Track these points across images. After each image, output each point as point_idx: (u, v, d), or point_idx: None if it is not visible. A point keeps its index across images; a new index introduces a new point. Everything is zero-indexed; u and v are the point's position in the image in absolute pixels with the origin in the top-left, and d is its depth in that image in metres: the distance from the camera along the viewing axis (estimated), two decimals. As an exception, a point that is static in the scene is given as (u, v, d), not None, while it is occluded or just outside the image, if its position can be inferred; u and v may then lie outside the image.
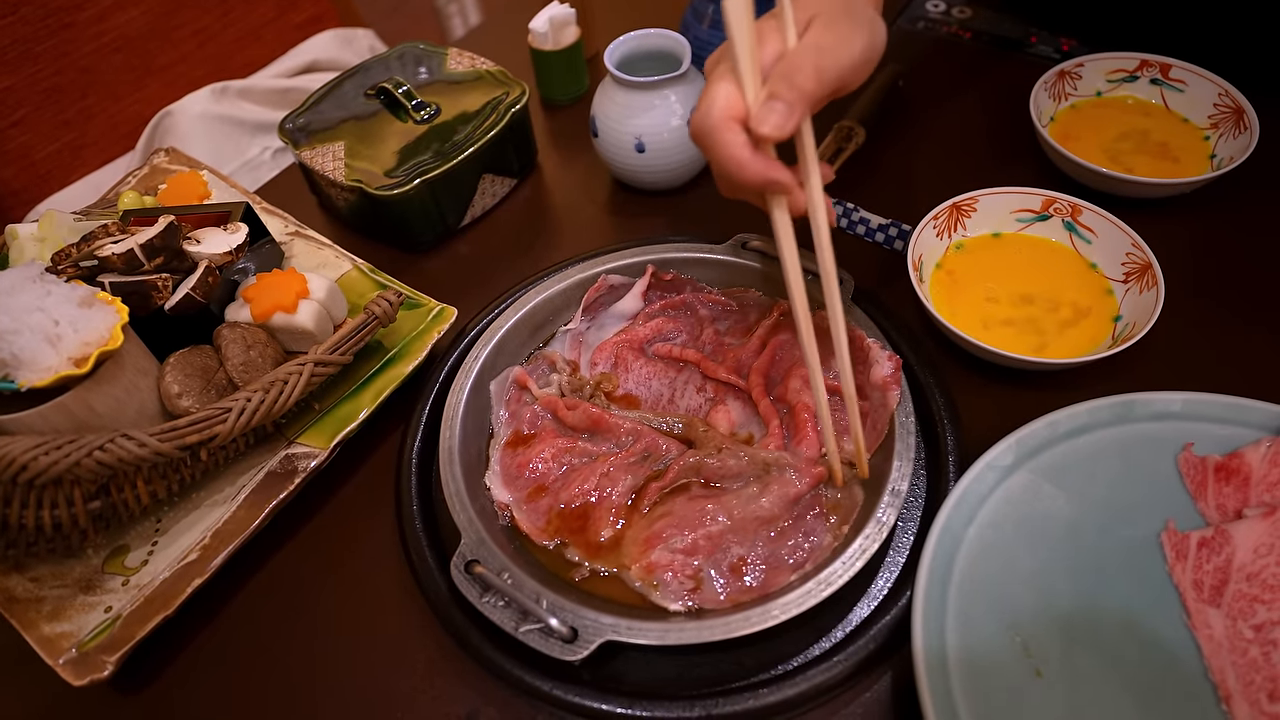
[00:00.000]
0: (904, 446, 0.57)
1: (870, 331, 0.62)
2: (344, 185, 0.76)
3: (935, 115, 0.89)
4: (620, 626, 0.50)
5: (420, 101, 0.80)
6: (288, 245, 0.76)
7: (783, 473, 0.57)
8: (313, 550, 0.62)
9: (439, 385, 0.67)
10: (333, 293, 0.67)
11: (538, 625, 0.50)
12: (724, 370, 0.64)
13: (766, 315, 0.68)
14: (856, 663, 0.51)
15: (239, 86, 0.99)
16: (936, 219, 0.69)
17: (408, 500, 0.60)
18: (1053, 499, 0.55)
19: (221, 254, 0.62)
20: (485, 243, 0.82)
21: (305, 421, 0.64)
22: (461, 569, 0.53)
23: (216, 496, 0.61)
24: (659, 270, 0.70)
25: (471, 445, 0.62)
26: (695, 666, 0.53)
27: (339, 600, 0.59)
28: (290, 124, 0.81)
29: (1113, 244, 0.67)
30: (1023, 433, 0.56)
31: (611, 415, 0.62)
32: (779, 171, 0.48)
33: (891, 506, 0.54)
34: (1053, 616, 0.51)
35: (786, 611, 0.50)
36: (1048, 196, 0.70)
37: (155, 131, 0.94)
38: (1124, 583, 0.52)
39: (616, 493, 0.59)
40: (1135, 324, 0.62)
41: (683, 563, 0.55)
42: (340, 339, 0.63)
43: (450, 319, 0.69)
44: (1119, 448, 0.56)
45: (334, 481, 0.65)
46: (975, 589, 0.51)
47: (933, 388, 0.63)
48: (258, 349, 0.62)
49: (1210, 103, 0.78)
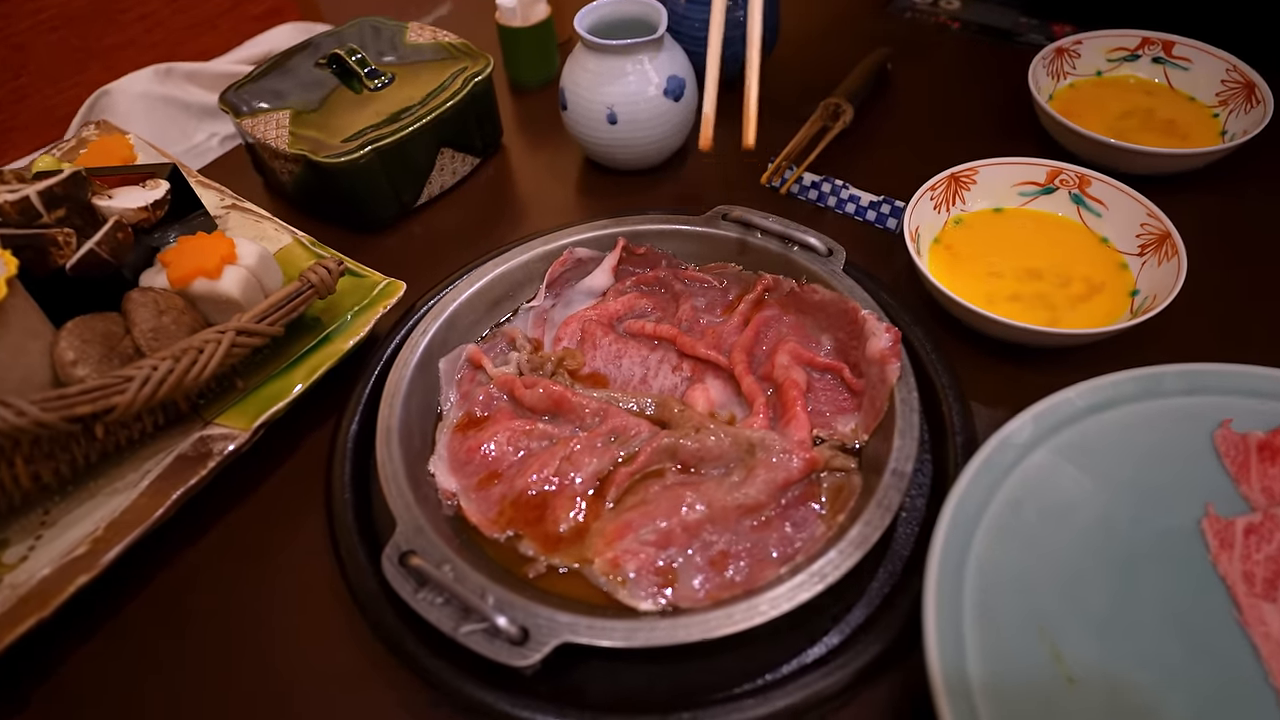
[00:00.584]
0: (906, 425, 0.50)
1: (865, 304, 0.56)
2: (287, 155, 0.69)
3: (925, 97, 0.85)
4: (579, 626, 0.42)
5: (374, 70, 0.74)
6: (223, 219, 0.69)
7: (770, 454, 0.50)
8: (230, 547, 0.53)
9: (383, 363, 0.59)
10: (265, 260, 0.59)
11: (481, 625, 0.42)
12: (703, 346, 0.57)
13: (749, 290, 0.61)
14: (857, 670, 0.43)
15: (186, 69, 0.93)
16: (934, 189, 0.63)
17: (340, 487, 0.52)
18: (1077, 482, 0.48)
19: (135, 209, 0.55)
20: (443, 222, 0.75)
21: (227, 402, 0.56)
22: (395, 561, 0.45)
23: (118, 484, 0.52)
24: (631, 244, 0.64)
25: (415, 427, 0.54)
26: (669, 675, 0.45)
27: (257, 605, 0.51)
28: (232, 94, 0.75)
29: (1126, 215, 0.61)
30: (1040, 408, 0.49)
31: (575, 394, 0.55)
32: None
33: (895, 489, 0.47)
34: (1084, 616, 0.44)
35: (776, 607, 0.42)
36: (1053, 167, 0.64)
37: (90, 111, 0.88)
38: (1163, 576, 0.45)
39: (579, 479, 0.51)
40: (1155, 296, 0.56)
41: (654, 555, 0.47)
42: (269, 307, 0.55)
43: (397, 294, 0.62)
44: (1147, 425, 0.50)
45: (260, 470, 0.57)
46: (995, 582, 0.44)
47: (935, 364, 0.56)
48: (172, 315, 0.54)
49: (1218, 79, 0.73)
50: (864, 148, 0.78)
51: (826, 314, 0.58)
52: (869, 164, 0.76)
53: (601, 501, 0.51)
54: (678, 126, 0.73)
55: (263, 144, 0.71)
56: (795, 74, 0.88)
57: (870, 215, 0.70)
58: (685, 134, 0.76)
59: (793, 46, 0.91)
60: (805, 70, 0.88)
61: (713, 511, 0.49)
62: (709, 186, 0.76)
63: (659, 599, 0.46)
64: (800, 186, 0.74)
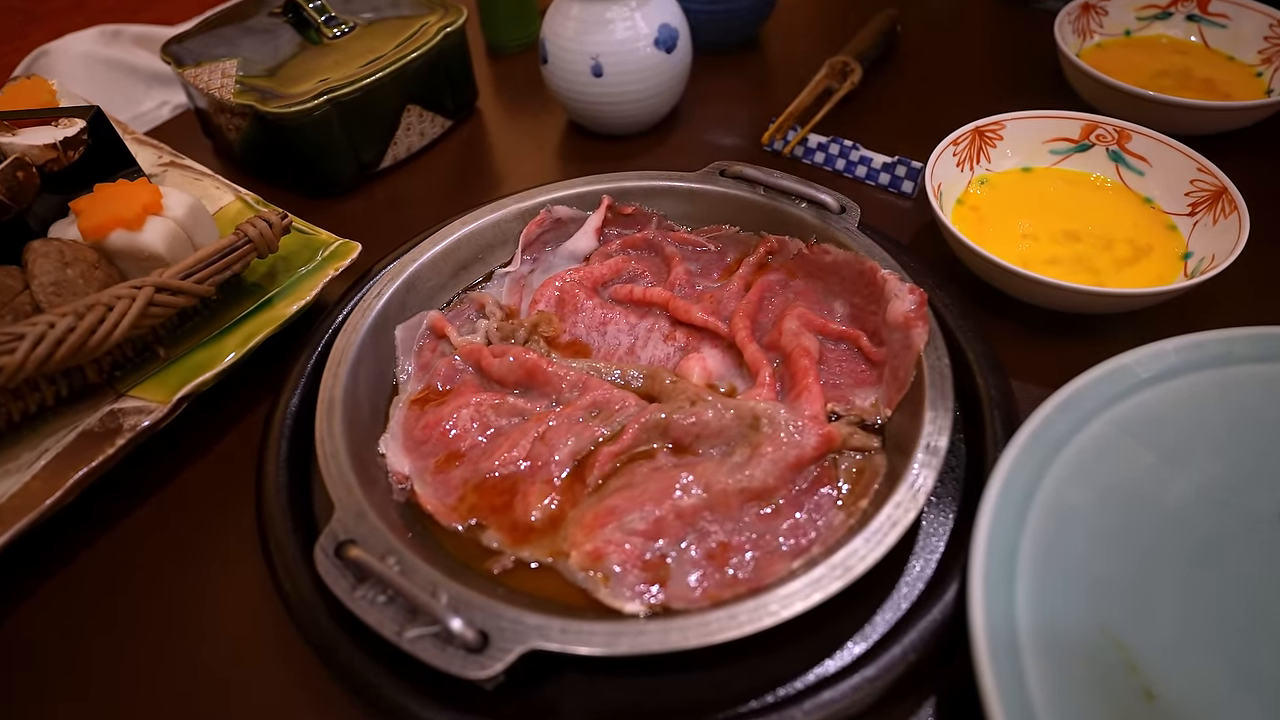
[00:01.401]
0: (938, 395, 0.42)
1: (885, 265, 0.49)
2: (233, 107, 0.62)
3: (938, 59, 0.78)
4: (551, 629, 0.34)
5: (333, 17, 0.67)
6: (158, 177, 0.61)
7: (779, 430, 0.43)
8: (145, 541, 0.45)
9: (331, 332, 0.52)
10: (197, 213, 0.52)
11: (432, 628, 0.34)
12: (699, 311, 0.50)
13: (749, 253, 0.54)
14: (887, 686, 0.36)
15: (136, 31, 0.85)
16: (956, 144, 0.57)
17: (273, 469, 0.45)
18: (1142, 460, 0.41)
19: (42, 146, 0.47)
20: (409, 187, 0.68)
21: (146, 373, 0.48)
22: (329, 552, 0.37)
23: (9, 465, 0.44)
24: (618, 203, 0.57)
25: (365, 401, 0.46)
26: (660, 692, 0.37)
27: (170, 607, 0.43)
28: (176, 45, 0.67)
29: (1172, 172, 0.55)
30: (1094, 375, 0.42)
31: (551, 363, 0.47)
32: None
33: (928, 467, 0.39)
34: (1159, 619, 0.36)
35: (788, 607, 0.35)
36: (1089, 121, 0.58)
37: (26, 72, 0.80)
38: (1248, 570, 0.38)
39: (555, 460, 0.44)
40: (1214, 257, 0.49)
41: (642, 547, 0.40)
42: (198, 262, 0.48)
43: (351, 255, 0.54)
44: (1219, 396, 0.43)
45: (184, 452, 0.49)
46: (1053, 579, 0.36)
47: (965, 331, 0.49)
48: (80, 269, 0.46)
49: (1260, 36, 0.67)
50: (873, 110, 0.71)
51: (840, 277, 0.51)
52: (879, 127, 0.69)
53: (581, 486, 0.43)
54: (669, 82, 0.67)
55: (207, 95, 0.63)
56: (798, 35, 0.82)
57: (884, 179, 0.63)
58: (678, 93, 0.69)
59: (791, 7, 0.84)
60: (809, 31, 0.82)
61: (711, 496, 0.41)
62: (703, 151, 0.69)
63: (647, 598, 0.38)
64: (805, 149, 0.67)
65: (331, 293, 0.54)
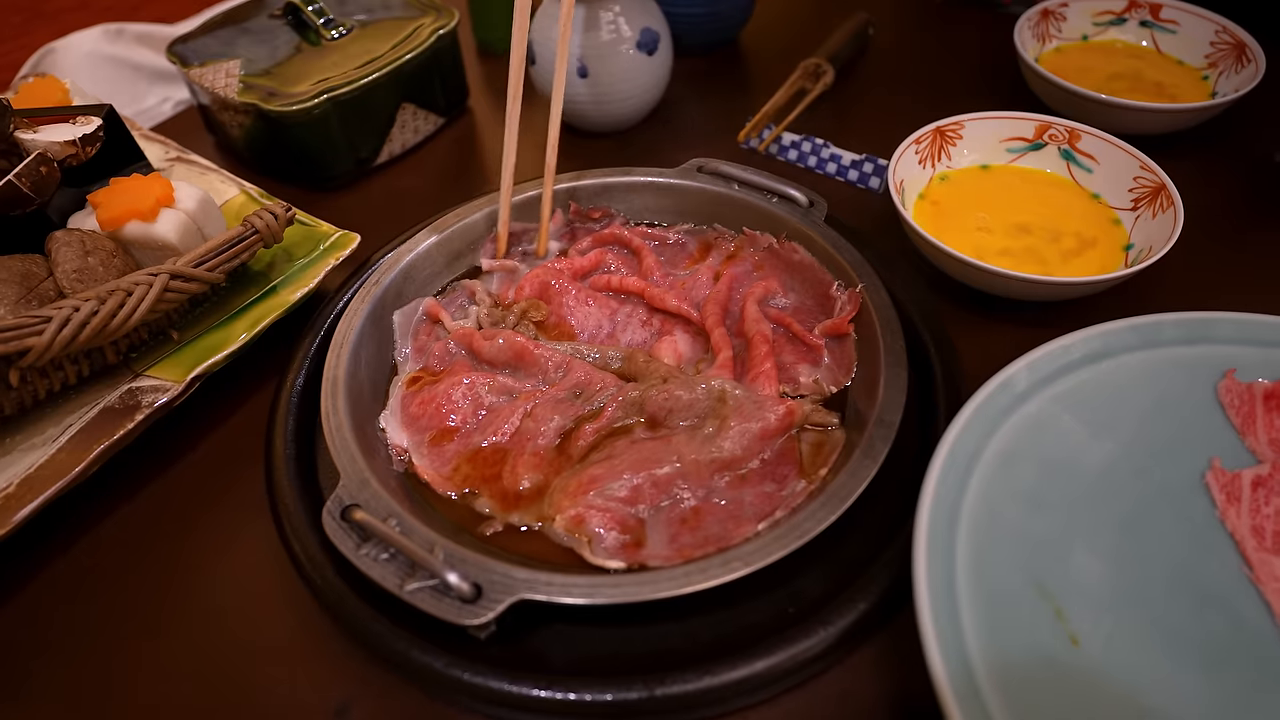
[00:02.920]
0: (892, 374, 0.47)
1: (848, 255, 0.53)
2: (237, 105, 0.65)
3: (908, 62, 0.82)
4: (537, 582, 0.38)
5: (331, 20, 0.70)
6: (167, 171, 0.64)
7: (743, 405, 0.47)
8: (161, 508, 0.49)
9: (333, 317, 0.55)
10: (206, 205, 0.55)
11: (430, 581, 0.38)
12: (673, 298, 0.54)
13: (712, 245, 0.58)
14: (842, 630, 0.40)
15: (139, 30, 0.88)
16: (918, 143, 0.61)
17: (281, 442, 0.48)
18: (1075, 433, 0.45)
19: (62, 143, 0.51)
20: (404, 182, 0.71)
21: (161, 354, 0.52)
22: (336, 515, 0.41)
23: (36, 440, 0.48)
24: (584, 207, 0.61)
25: (365, 380, 0.50)
26: (638, 640, 0.41)
27: (188, 568, 0.46)
28: (181, 45, 0.71)
29: (1118, 169, 0.59)
30: (1034, 355, 0.46)
31: (538, 345, 0.51)
32: None
33: (881, 439, 0.43)
34: (1087, 573, 0.41)
35: (750, 564, 0.39)
36: (1042, 122, 0.62)
37: (34, 69, 0.83)
38: (1167, 531, 0.42)
39: (542, 434, 0.48)
40: (1151, 248, 0.53)
41: (621, 512, 0.43)
42: (209, 251, 0.51)
43: (350, 246, 0.58)
44: (1147, 375, 0.47)
45: (197, 428, 0.52)
46: (990, 537, 0.40)
47: (921, 318, 0.53)
48: (100, 257, 0.50)
49: (1206, 41, 0.71)
50: (845, 110, 0.75)
51: (801, 277, 0.55)
52: (850, 126, 0.73)
53: (564, 458, 0.47)
54: (651, 83, 0.70)
55: (212, 94, 0.67)
56: (773, 37, 0.85)
57: (852, 175, 0.67)
58: (659, 93, 0.72)
59: (770, 11, 0.88)
60: (783, 34, 0.86)
61: (685, 466, 0.45)
62: (683, 147, 0.73)
63: (626, 557, 0.42)
64: (779, 146, 0.70)
65: (332, 281, 0.57)
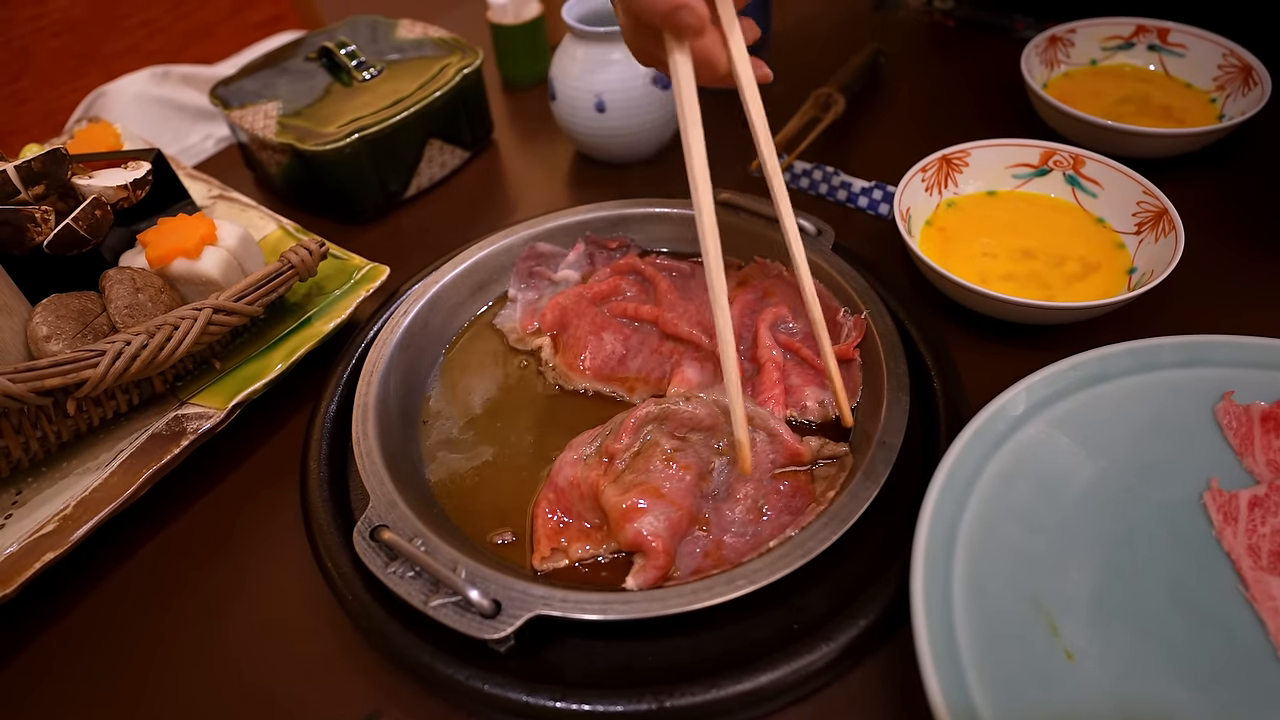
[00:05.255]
0: (894, 397, 0.48)
1: (854, 282, 0.55)
2: (275, 145, 0.69)
3: (919, 90, 0.84)
4: (553, 599, 0.41)
5: (363, 62, 0.74)
6: (209, 209, 0.68)
7: (758, 433, 0.49)
8: (204, 528, 0.52)
9: (364, 346, 0.58)
10: (246, 242, 0.59)
11: (453, 598, 0.41)
12: (685, 324, 0.56)
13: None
14: (843, 646, 0.41)
15: (183, 72, 0.93)
16: (924, 171, 0.62)
17: (315, 465, 0.51)
18: (1072, 454, 0.46)
19: (115, 187, 0.54)
20: (431, 214, 0.75)
21: (204, 382, 0.55)
22: (366, 536, 0.44)
23: (90, 464, 0.51)
24: (601, 237, 0.63)
25: (394, 406, 0.53)
26: (648, 654, 0.43)
27: (227, 585, 0.49)
28: (223, 88, 0.75)
29: (1121, 194, 0.60)
30: (1033, 379, 0.48)
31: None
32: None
33: (882, 461, 0.45)
34: (1082, 589, 0.42)
35: (755, 581, 0.41)
36: (1047, 148, 0.63)
37: (87, 111, 0.88)
38: (1163, 550, 0.43)
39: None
40: (1153, 272, 0.55)
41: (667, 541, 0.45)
42: (248, 286, 0.54)
43: (380, 278, 0.61)
44: (1145, 398, 0.48)
45: (237, 452, 0.56)
46: (987, 555, 0.42)
47: (926, 342, 0.54)
48: (149, 293, 0.53)
49: (1214, 64, 0.72)
50: (855, 139, 0.77)
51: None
52: (861, 154, 0.75)
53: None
54: (667, 116, 0.73)
55: (251, 134, 0.71)
56: (786, 68, 0.87)
57: (862, 201, 0.69)
58: (675, 125, 0.75)
59: (784, 43, 0.91)
60: (796, 64, 0.88)
61: (715, 502, 0.47)
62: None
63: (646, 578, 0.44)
64: (791, 175, 0.73)
65: (364, 311, 0.61)
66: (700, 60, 0.43)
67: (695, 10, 0.41)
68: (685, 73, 0.44)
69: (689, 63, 0.44)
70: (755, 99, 0.46)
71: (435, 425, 0.55)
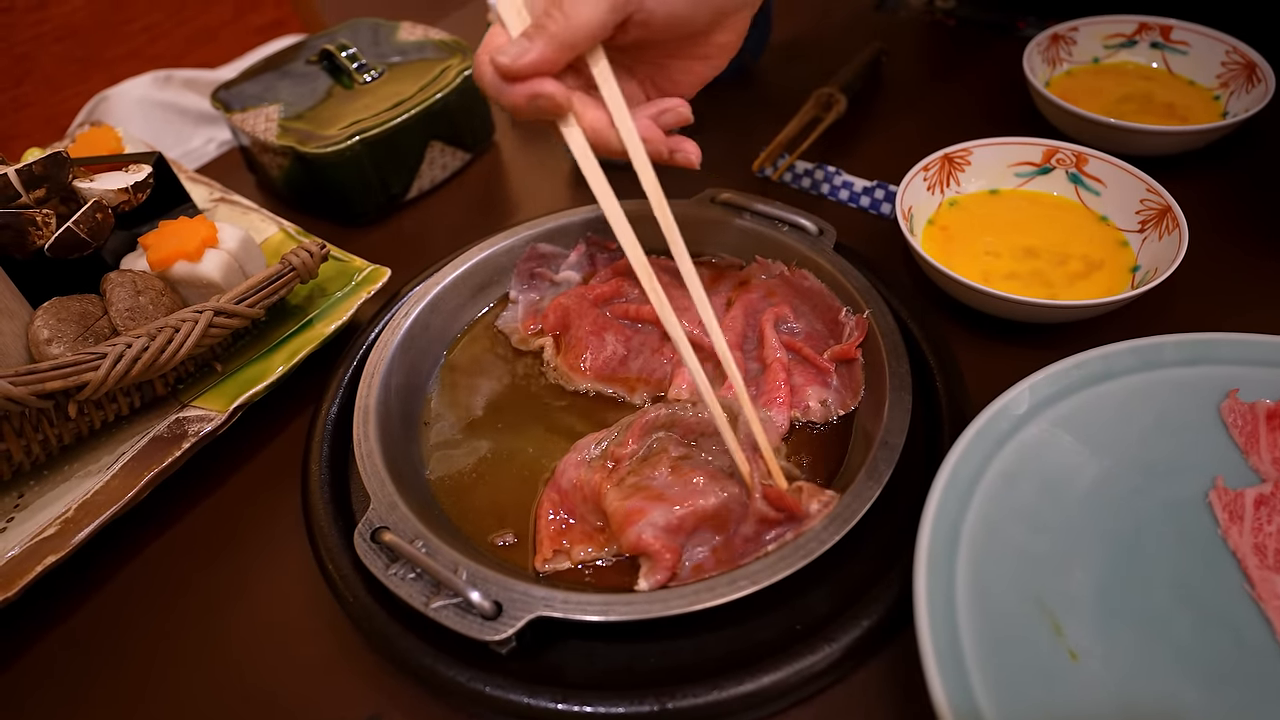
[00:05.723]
0: (896, 397, 0.48)
1: (856, 282, 0.55)
2: (276, 148, 0.69)
3: (920, 89, 0.84)
4: (554, 600, 0.41)
5: (364, 64, 0.74)
6: (210, 212, 0.68)
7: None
8: (206, 531, 0.52)
9: (365, 348, 0.58)
10: (247, 245, 0.59)
11: (454, 599, 0.41)
12: (687, 324, 0.56)
13: (720, 275, 0.61)
14: (846, 647, 0.41)
15: (185, 76, 0.93)
16: (926, 170, 0.62)
17: (316, 467, 0.51)
18: (1076, 453, 0.46)
19: (116, 190, 0.54)
20: (433, 216, 0.75)
21: (206, 385, 0.55)
22: (367, 537, 0.44)
23: (91, 467, 0.51)
24: (602, 238, 0.63)
25: (395, 408, 0.53)
26: (650, 655, 0.43)
27: (229, 588, 0.49)
28: (224, 91, 0.75)
29: (1125, 192, 0.60)
30: (1036, 378, 0.47)
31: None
32: (541, 85, 0.41)
33: (884, 461, 0.45)
34: (1086, 589, 0.42)
35: (757, 582, 0.40)
36: (1049, 146, 0.63)
37: (90, 115, 0.88)
38: (1168, 549, 0.43)
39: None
40: (1157, 270, 0.54)
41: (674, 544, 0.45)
42: (249, 288, 0.54)
43: (381, 280, 0.61)
44: (1149, 396, 0.48)
45: (238, 455, 0.56)
46: (990, 555, 0.42)
47: (928, 341, 0.54)
48: (150, 296, 0.53)
49: (1218, 61, 0.72)
50: (857, 138, 0.77)
51: (812, 303, 0.57)
52: (862, 154, 0.75)
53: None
54: (669, 117, 0.73)
55: (252, 137, 0.71)
56: (788, 68, 0.88)
57: (864, 201, 0.69)
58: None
59: (785, 43, 0.90)
60: (798, 64, 0.88)
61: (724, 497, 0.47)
62: (699, 177, 0.75)
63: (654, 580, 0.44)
64: (792, 175, 0.73)
65: (365, 313, 0.61)
66: (591, 140, 0.44)
67: (551, 97, 0.42)
68: (578, 144, 0.44)
69: (579, 134, 0.44)
70: (649, 175, 0.45)
71: (436, 427, 0.54)
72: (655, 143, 0.45)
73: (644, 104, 0.47)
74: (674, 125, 0.46)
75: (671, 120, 0.46)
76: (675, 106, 0.46)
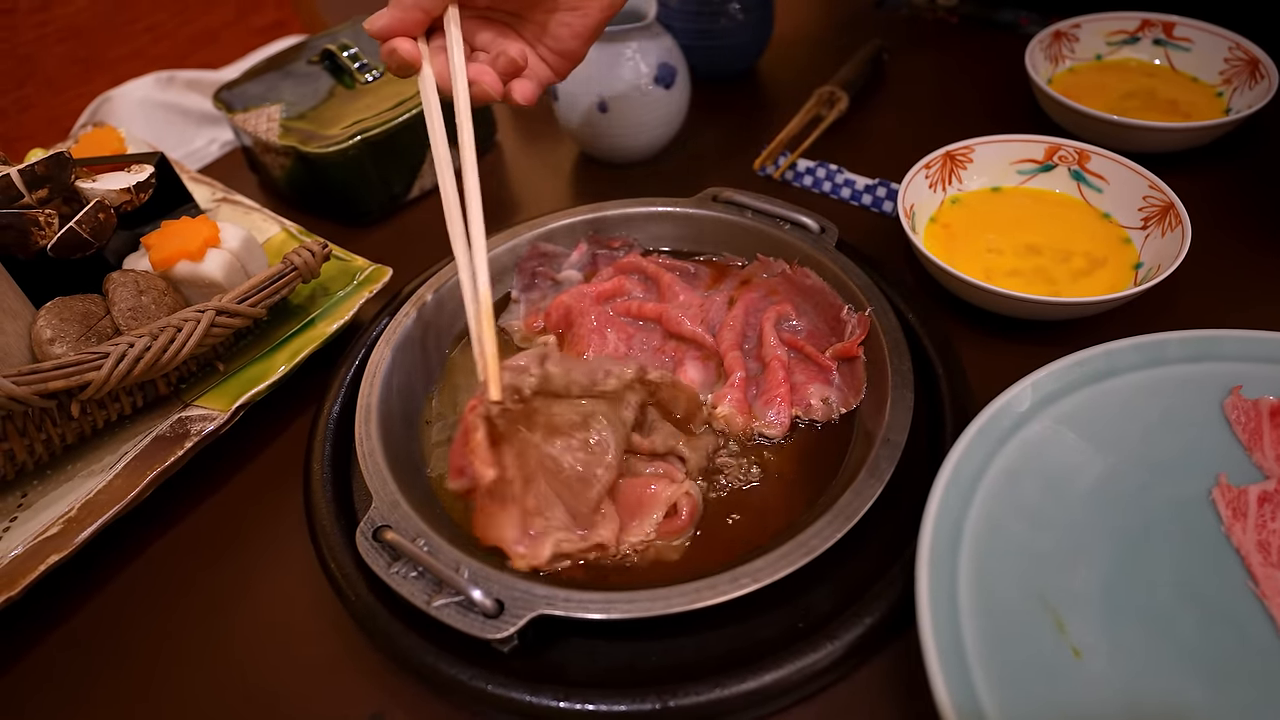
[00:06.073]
0: (899, 394, 0.48)
1: (858, 279, 0.55)
2: (278, 148, 0.69)
3: (922, 87, 0.84)
4: (555, 598, 0.41)
5: (365, 64, 0.74)
6: (213, 212, 0.68)
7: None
8: (208, 530, 0.52)
9: (367, 347, 0.58)
10: (249, 244, 0.59)
11: (455, 598, 0.41)
12: (688, 322, 0.56)
13: (723, 273, 0.61)
14: (848, 645, 0.41)
15: (187, 77, 0.94)
16: (929, 168, 0.62)
17: (318, 466, 0.51)
18: (1079, 451, 0.46)
19: (118, 190, 0.55)
20: (435, 216, 0.74)
21: (208, 384, 0.55)
22: (369, 536, 0.44)
23: (94, 466, 0.52)
24: (604, 236, 0.63)
25: (396, 406, 0.53)
26: (652, 653, 0.43)
27: (231, 587, 0.49)
28: (226, 92, 0.75)
29: (1127, 189, 0.60)
30: (1038, 375, 0.47)
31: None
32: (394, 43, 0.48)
33: (886, 458, 0.45)
34: (1089, 587, 0.42)
35: (759, 580, 0.40)
36: (1051, 144, 0.63)
37: (93, 116, 0.88)
38: (1172, 546, 0.43)
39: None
40: (1159, 266, 0.54)
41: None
42: (251, 288, 0.54)
43: (383, 279, 0.61)
44: (1152, 393, 0.48)
45: (241, 454, 0.56)
46: (993, 552, 0.42)
47: (930, 339, 0.54)
48: (152, 295, 0.53)
49: (1220, 58, 0.72)
50: (859, 136, 0.77)
51: (813, 301, 0.57)
52: (864, 151, 0.75)
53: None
54: (669, 115, 0.73)
55: (254, 137, 0.71)
56: (789, 66, 0.88)
57: (866, 199, 0.69)
58: (677, 124, 0.75)
59: (787, 41, 0.90)
60: (799, 62, 0.88)
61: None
62: (701, 175, 0.75)
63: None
64: (794, 173, 0.72)
65: (367, 312, 0.61)
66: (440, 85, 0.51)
67: (400, 53, 0.48)
68: (427, 92, 0.51)
69: (431, 84, 0.51)
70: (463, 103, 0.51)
71: (438, 425, 0.54)
72: (485, 84, 0.50)
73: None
74: (508, 69, 0.50)
75: (504, 64, 0.50)
76: (508, 51, 0.50)
